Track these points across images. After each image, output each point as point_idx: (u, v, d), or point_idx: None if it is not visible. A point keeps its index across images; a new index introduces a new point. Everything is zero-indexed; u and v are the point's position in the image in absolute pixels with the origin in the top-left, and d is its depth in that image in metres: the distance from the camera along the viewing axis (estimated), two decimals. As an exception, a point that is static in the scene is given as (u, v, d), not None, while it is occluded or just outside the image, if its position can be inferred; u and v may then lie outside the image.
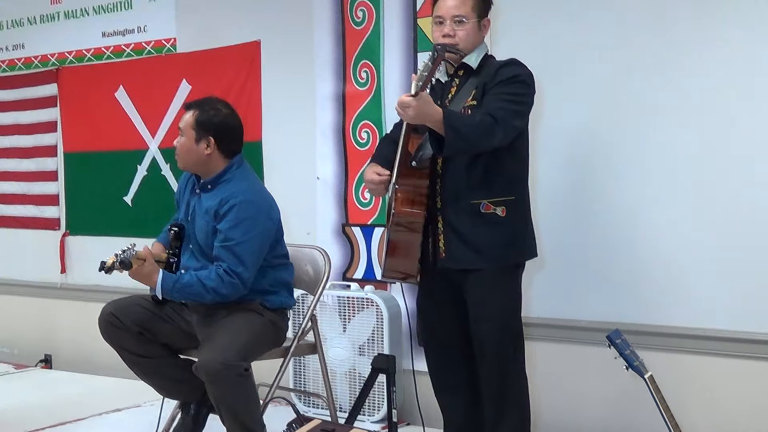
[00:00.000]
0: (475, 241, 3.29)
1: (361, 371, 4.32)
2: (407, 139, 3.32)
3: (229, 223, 3.50)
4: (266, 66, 4.84)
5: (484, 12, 3.36)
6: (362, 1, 4.46)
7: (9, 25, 5.97)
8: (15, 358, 5.98)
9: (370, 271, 4.50)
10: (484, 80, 3.28)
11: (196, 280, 3.47)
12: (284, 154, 4.79)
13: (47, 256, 5.84)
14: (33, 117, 5.87)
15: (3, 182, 6.05)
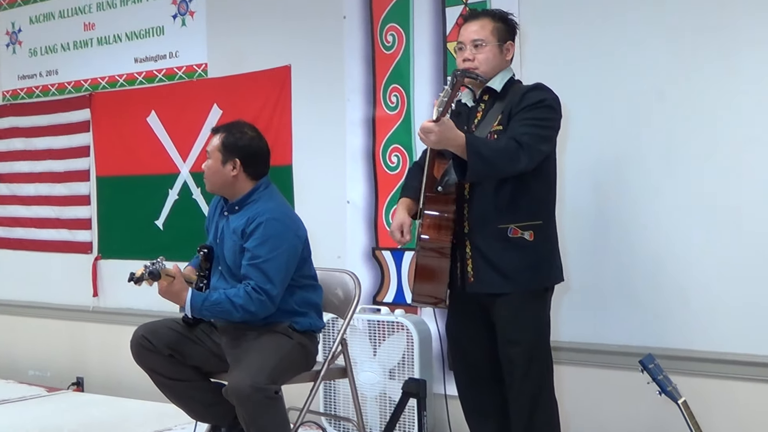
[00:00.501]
0: (503, 265, 3.28)
1: (391, 395, 4.31)
2: (432, 164, 3.33)
3: (256, 240, 3.53)
4: (297, 90, 4.87)
5: (506, 36, 3.37)
6: (392, 26, 4.48)
7: (43, 51, 6.05)
8: (47, 381, 6.02)
9: (400, 294, 4.50)
10: (510, 105, 3.28)
11: (224, 297, 3.49)
12: (314, 178, 4.81)
13: (79, 280, 5.88)
14: (66, 142, 5.93)
15: (36, 206, 6.11)
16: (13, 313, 6.29)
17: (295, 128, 4.88)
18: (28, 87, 6.14)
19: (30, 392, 5.78)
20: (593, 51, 3.93)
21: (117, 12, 5.64)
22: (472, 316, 3.43)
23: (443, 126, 3.08)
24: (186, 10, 5.31)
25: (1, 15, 6.28)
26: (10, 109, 6.23)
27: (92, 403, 5.50)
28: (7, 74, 6.26)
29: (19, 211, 6.22)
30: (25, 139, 6.15)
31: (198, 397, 3.70)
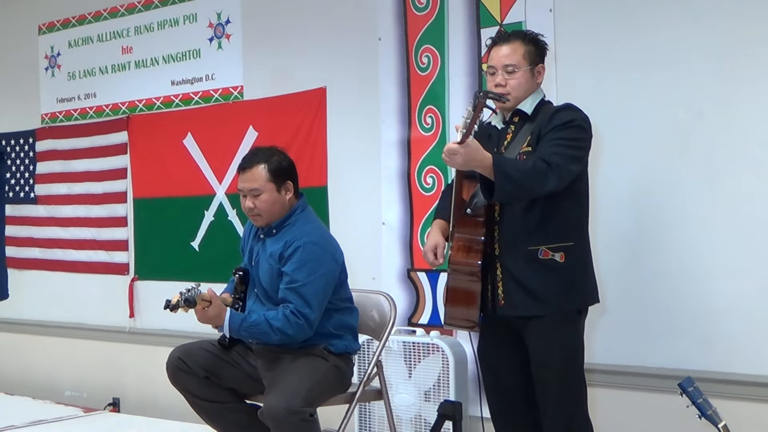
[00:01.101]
0: (533, 288, 3.26)
1: (426, 417, 4.28)
2: (460, 186, 3.33)
3: (294, 264, 3.53)
4: (332, 112, 4.88)
5: (537, 59, 3.36)
6: (427, 47, 4.49)
7: (81, 75, 6.12)
8: (84, 402, 6.05)
9: (435, 316, 4.48)
10: (539, 126, 3.27)
11: (263, 319, 3.50)
12: (349, 200, 4.81)
13: (116, 301, 5.91)
14: (104, 164, 5.98)
15: (74, 228, 6.16)
16: (50, 334, 6.33)
17: (331, 150, 4.89)
18: (67, 110, 6.21)
19: (66, 413, 5.80)
20: (629, 70, 3.90)
21: (154, 35, 5.70)
22: (504, 339, 3.41)
23: (468, 147, 3.07)
24: (222, 33, 5.35)
25: (40, 39, 6.36)
26: (49, 131, 6.30)
27: (128, 423, 5.52)
28: (47, 97, 6.33)
29: (57, 233, 6.27)
30: (64, 161, 6.20)
31: (233, 419, 3.70)
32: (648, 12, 3.86)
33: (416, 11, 4.53)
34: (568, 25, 4.04)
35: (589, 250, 3.36)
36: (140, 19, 5.76)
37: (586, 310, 3.38)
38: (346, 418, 3.69)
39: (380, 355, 3.81)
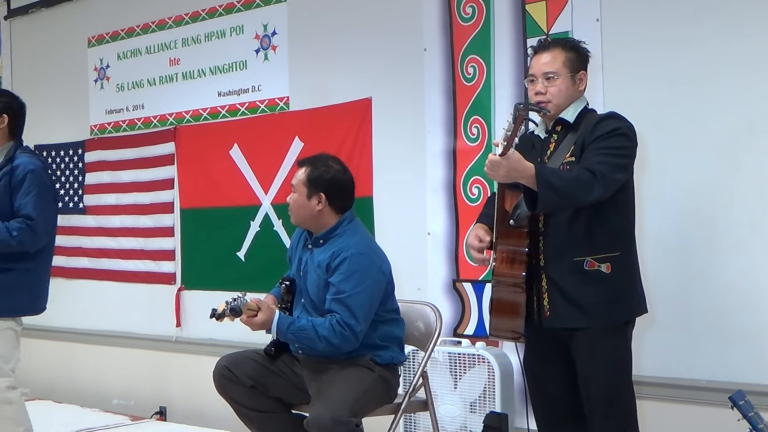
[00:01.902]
0: (579, 299, 3.23)
1: (472, 429, 4.26)
2: (503, 197, 3.31)
3: (341, 275, 3.54)
4: (377, 122, 4.89)
5: (578, 66, 3.33)
6: (473, 58, 4.48)
7: (130, 87, 6.19)
8: (131, 410, 6.10)
9: (481, 327, 4.46)
10: (583, 135, 3.24)
11: (310, 326, 3.51)
12: (395, 210, 4.81)
13: (163, 310, 5.96)
14: (151, 175, 6.04)
15: (122, 238, 6.23)
16: (98, 343, 6.40)
17: (376, 160, 4.89)
18: (115, 121, 6.28)
19: (114, 421, 5.86)
20: (677, 80, 3.86)
21: (201, 47, 5.75)
22: (549, 350, 3.38)
23: (509, 160, 3.05)
24: (269, 45, 5.39)
25: (89, 51, 6.45)
26: (97, 143, 6.38)
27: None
28: (96, 109, 6.41)
29: (105, 243, 6.35)
30: (112, 172, 6.28)
31: (279, 429, 3.72)
32: (697, 23, 3.82)
33: (462, 21, 4.53)
34: (614, 34, 4.02)
35: (636, 260, 3.32)
36: (188, 31, 5.82)
37: (634, 321, 3.34)
38: (392, 429, 3.69)
39: (426, 365, 3.80)
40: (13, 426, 4.04)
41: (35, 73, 6.80)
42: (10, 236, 3.92)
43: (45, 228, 4.02)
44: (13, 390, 4.07)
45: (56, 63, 6.70)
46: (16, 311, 4.08)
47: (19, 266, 4.04)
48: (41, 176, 4.07)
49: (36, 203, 3.98)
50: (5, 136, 4.15)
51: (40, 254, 4.11)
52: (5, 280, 4.02)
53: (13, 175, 4.02)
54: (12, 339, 4.09)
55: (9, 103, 4.18)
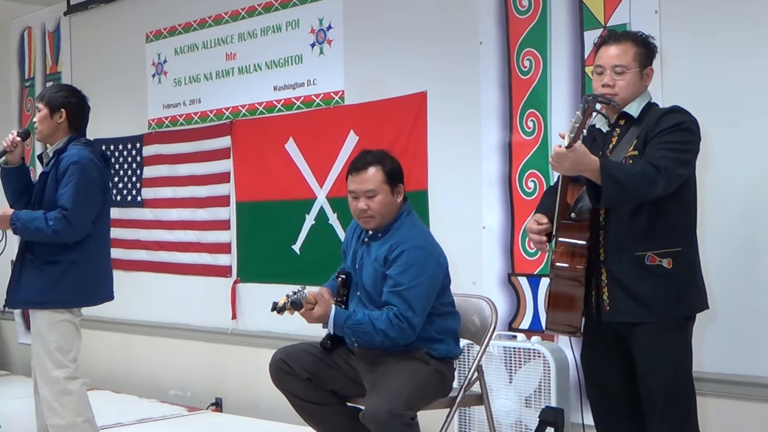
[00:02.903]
0: (640, 294, 3.20)
1: (527, 423, 4.25)
2: (565, 190, 3.28)
3: (398, 268, 3.54)
4: (432, 116, 4.88)
5: (646, 61, 3.30)
6: (529, 51, 4.46)
7: (187, 81, 6.25)
8: (187, 401, 6.17)
9: (536, 321, 4.44)
10: (646, 129, 3.21)
11: (367, 319, 3.52)
12: (450, 204, 4.81)
13: (219, 303, 6.02)
14: (208, 168, 6.09)
15: (179, 231, 6.29)
16: (155, 334, 6.48)
17: (431, 154, 4.89)
18: (173, 115, 6.35)
19: (171, 411, 5.94)
20: (740, 71, 3.80)
21: (257, 42, 5.79)
22: (608, 346, 3.35)
23: (575, 152, 3.03)
24: (324, 39, 5.41)
25: (147, 46, 6.53)
26: (155, 137, 6.46)
27: (231, 423, 5.62)
28: (153, 103, 6.49)
29: (162, 236, 6.42)
30: (170, 165, 6.35)
31: (335, 421, 3.74)
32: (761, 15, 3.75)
33: (518, 14, 4.51)
34: (674, 26, 3.97)
35: (697, 255, 3.28)
36: (244, 25, 5.86)
37: (694, 317, 3.30)
38: (447, 422, 3.69)
39: (481, 359, 3.79)
40: (73, 416, 4.11)
41: (94, 69, 6.89)
42: (45, 225, 3.98)
43: (81, 219, 4.05)
44: (73, 381, 4.13)
45: (115, 58, 6.79)
46: (64, 303, 4.12)
47: (65, 258, 4.09)
48: (85, 168, 4.08)
49: (73, 194, 4.01)
50: (65, 130, 4.21)
51: (87, 246, 4.14)
52: (51, 272, 4.08)
53: (58, 167, 4.09)
54: (70, 331, 4.15)
55: (67, 97, 4.23)
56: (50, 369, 4.09)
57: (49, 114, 4.18)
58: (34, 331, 4.16)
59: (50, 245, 4.06)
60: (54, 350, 4.09)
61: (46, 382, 4.10)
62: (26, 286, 4.12)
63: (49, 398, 4.10)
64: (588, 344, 3.44)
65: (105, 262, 4.31)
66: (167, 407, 6.06)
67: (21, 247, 4.18)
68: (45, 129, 4.20)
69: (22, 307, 4.21)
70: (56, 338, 4.10)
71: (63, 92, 4.26)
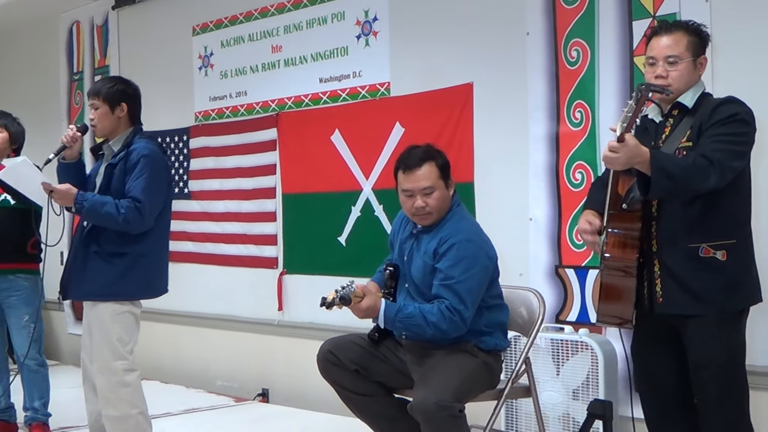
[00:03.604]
0: (694, 286, 3.17)
1: (575, 416, 4.23)
2: (616, 181, 3.25)
3: (449, 261, 3.53)
4: (479, 107, 4.86)
5: (699, 50, 3.26)
6: (577, 41, 4.42)
7: (233, 74, 6.29)
8: (234, 392, 6.22)
9: (584, 313, 4.41)
10: (700, 120, 3.17)
11: (418, 312, 3.51)
12: (496, 195, 4.79)
13: (265, 294, 6.05)
14: (254, 160, 6.12)
15: (226, 223, 6.33)
16: (202, 325, 6.54)
17: (477, 145, 4.87)
18: (219, 108, 6.38)
19: (219, 402, 5.99)
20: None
21: (303, 34, 5.80)
22: (660, 338, 3.32)
23: (627, 147, 3.01)
24: (369, 31, 5.41)
25: (194, 39, 6.57)
26: (202, 129, 6.50)
27: (278, 414, 5.65)
28: (200, 96, 6.53)
29: (209, 227, 6.46)
30: (216, 158, 6.39)
31: (383, 413, 3.74)
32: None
33: (565, 4, 4.47)
34: (725, 14, 3.91)
35: (751, 248, 3.25)
36: (290, 18, 5.87)
37: (748, 310, 3.27)
38: (494, 414, 3.68)
39: (528, 352, 3.78)
40: (128, 408, 4.12)
41: (142, 62, 6.95)
42: (117, 212, 3.97)
43: (151, 212, 4.08)
44: (130, 372, 4.15)
45: (162, 51, 6.84)
46: (130, 295, 4.16)
47: (133, 250, 4.11)
48: (155, 161, 4.12)
49: (145, 186, 4.03)
50: (126, 123, 4.21)
51: (152, 238, 4.17)
52: (119, 264, 4.10)
53: (128, 160, 4.08)
54: (130, 322, 4.18)
55: (125, 90, 4.22)
56: (110, 360, 4.10)
57: (110, 110, 4.17)
58: (95, 322, 4.16)
59: (117, 238, 4.06)
60: (115, 341, 4.10)
61: (104, 373, 4.12)
62: (92, 277, 4.11)
63: (105, 389, 4.11)
64: (639, 336, 3.42)
65: (166, 255, 4.34)
66: (214, 397, 6.11)
67: (82, 239, 4.15)
68: (107, 125, 4.18)
69: (88, 299, 4.22)
70: (118, 330, 4.11)
71: (118, 85, 4.23)
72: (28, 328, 4.89)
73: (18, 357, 4.97)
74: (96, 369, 4.16)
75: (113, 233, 4.06)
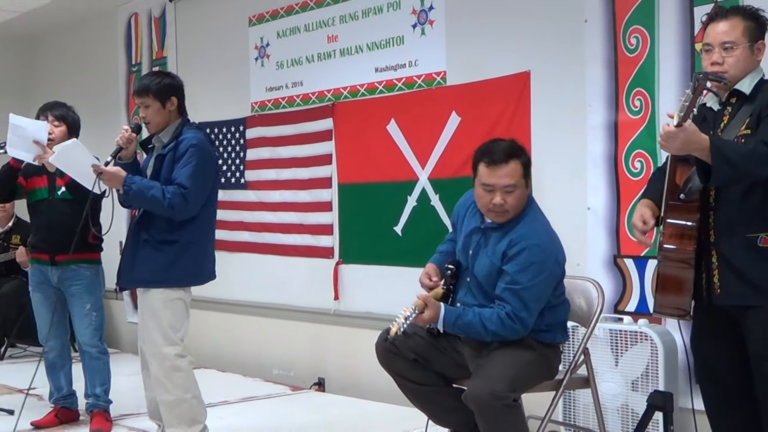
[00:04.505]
0: (753, 276, 3.12)
1: (634, 407, 4.18)
2: (674, 170, 3.22)
3: (517, 266, 3.46)
4: (536, 96, 4.83)
5: (757, 35, 3.20)
6: (636, 28, 4.36)
7: (289, 64, 6.31)
8: (291, 381, 6.26)
9: (643, 304, 4.36)
10: (759, 106, 3.12)
11: (478, 320, 3.46)
12: (553, 185, 4.74)
13: (321, 284, 6.07)
14: (310, 150, 6.13)
15: (282, 212, 6.36)
16: (260, 315, 6.58)
17: (534, 134, 4.83)
18: (275, 98, 6.41)
19: (275, 390, 6.04)
20: None
21: (359, 24, 5.80)
22: (719, 329, 3.28)
23: (685, 131, 2.97)
24: (425, 20, 5.39)
25: (250, 30, 6.60)
26: (258, 119, 6.53)
27: (334, 403, 5.68)
28: (256, 86, 6.56)
29: (265, 217, 6.50)
30: (272, 148, 6.42)
31: (441, 402, 3.74)
32: None
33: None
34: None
35: (812, 238, 3.18)
36: (345, 8, 5.87)
37: (809, 300, 3.20)
38: (553, 405, 3.66)
39: (587, 342, 3.75)
40: (182, 392, 4.22)
41: (199, 53, 7.01)
42: (163, 197, 4.07)
43: (196, 199, 4.16)
44: (182, 358, 4.24)
45: (218, 42, 6.89)
46: (180, 281, 4.25)
47: (181, 238, 4.20)
48: (203, 150, 4.20)
49: (191, 174, 4.11)
50: (175, 115, 4.32)
51: (200, 226, 4.26)
52: (169, 252, 4.20)
53: (177, 150, 4.19)
54: (181, 309, 4.27)
55: (172, 83, 4.34)
56: (161, 346, 4.21)
57: (162, 105, 4.27)
58: (146, 309, 4.27)
59: (167, 226, 4.16)
60: (166, 327, 4.21)
61: (157, 359, 4.22)
62: (142, 265, 4.23)
63: (159, 375, 4.22)
64: (698, 328, 3.38)
65: (212, 243, 4.43)
66: (271, 386, 6.16)
67: (133, 227, 4.29)
68: (160, 120, 4.29)
69: (138, 286, 4.33)
70: (169, 316, 4.21)
71: (165, 79, 4.33)
72: (90, 317, 4.98)
73: (80, 345, 5.06)
74: (149, 355, 4.26)
75: (162, 221, 4.16)
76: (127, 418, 5.21)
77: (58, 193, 4.97)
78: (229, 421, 5.09)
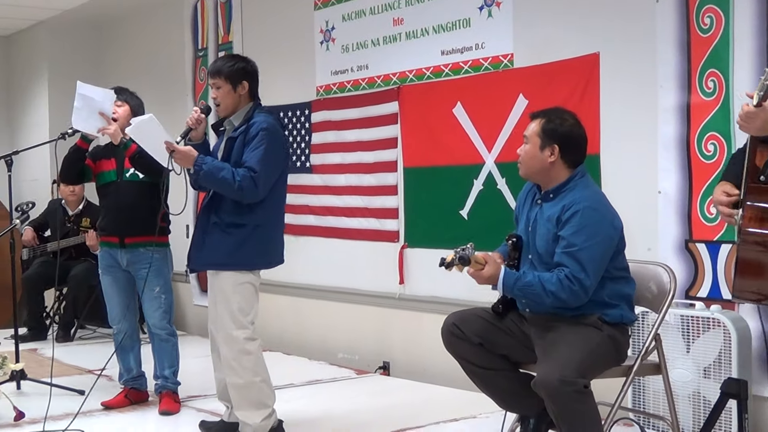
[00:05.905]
0: None
1: (706, 395, 4.10)
2: (754, 152, 3.13)
3: (571, 229, 3.47)
4: (605, 78, 4.74)
5: None
6: (710, 7, 4.26)
7: (354, 48, 6.29)
8: (356, 364, 6.26)
9: (715, 289, 4.27)
10: None
11: (537, 281, 3.46)
12: (624, 168, 4.67)
13: (386, 268, 6.06)
14: (375, 134, 6.12)
15: (347, 196, 6.36)
16: (324, 298, 6.60)
17: (604, 116, 4.75)
18: (340, 82, 6.40)
19: (340, 374, 6.05)
20: None
21: (425, 6, 5.76)
22: (798, 314, 3.20)
23: (766, 111, 2.89)
24: (492, 2, 5.32)
25: (315, 14, 6.60)
26: (323, 103, 6.53)
27: (399, 387, 5.66)
28: (321, 70, 6.56)
29: (331, 201, 6.51)
30: (337, 131, 6.41)
31: (507, 387, 3.71)
32: None
33: (698, -31, 4.32)
34: None
35: None
36: (411, -10, 5.84)
37: None
38: (623, 391, 3.60)
39: (659, 328, 3.68)
40: (251, 376, 4.24)
41: (264, 37, 7.03)
42: (233, 179, 4.08)
43: (265, 183, 4.16)
44: (251, 341, 4.26)
45: (284, 26, 6.90)
46: (249, 265, 4.26)
47: (250, 221, 4.22)
48: (273, 134, 4.21)
49: (261, 158, 4.12)
50: (246, 99, 4.32)
51: (269, 210, 4.27)
52: (237, 235, 4.21)
53: (248, 133, 4.19)
54: (251, 292, 4.28)
55: (245, 68, 4.33)
56: (231, 329, 4.23)
57: (233, 88, 4.28)
58: (217, 292, 4.29)
59: (235, 209, 4.18)
60: (236, 311, 4.22)
61: (227, 342, 4.25)
62: (211, 248, 4.26)
63: (228, 358, 4.25)
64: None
65: (281, 227, 4.43)
66: (336, 369, 6.18)
67: (203, 210, 4.31)
68: (230, 104, 4.30)
69: (207, 268, 4.36)
70: (239, 299, 4.23)
71: (239, 63, 4.34)
72: (159, 299, 5.03)
73: (149, 327, 5.11)
74: (220, 338, 4.29)
75: (231, 204, 4.17)
76: (195, 400, 5.26)
77: (127, 175, 5.03)
78: (294, 404, 5.10)
